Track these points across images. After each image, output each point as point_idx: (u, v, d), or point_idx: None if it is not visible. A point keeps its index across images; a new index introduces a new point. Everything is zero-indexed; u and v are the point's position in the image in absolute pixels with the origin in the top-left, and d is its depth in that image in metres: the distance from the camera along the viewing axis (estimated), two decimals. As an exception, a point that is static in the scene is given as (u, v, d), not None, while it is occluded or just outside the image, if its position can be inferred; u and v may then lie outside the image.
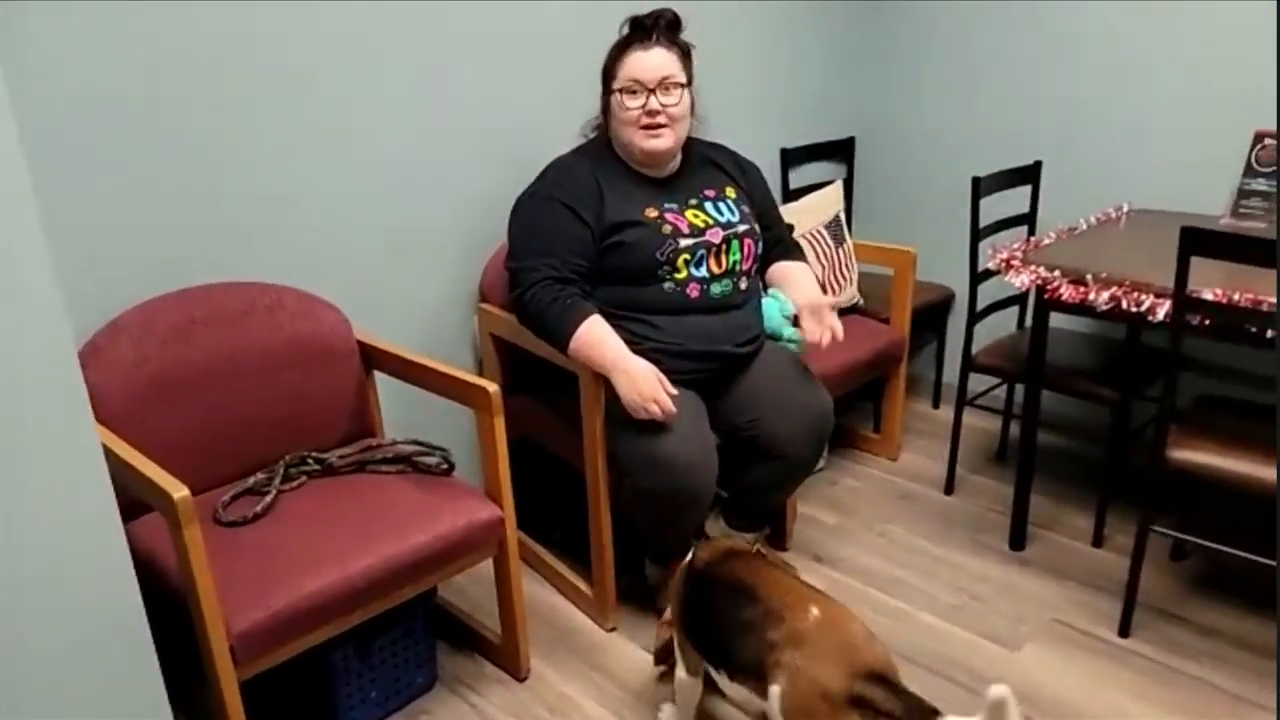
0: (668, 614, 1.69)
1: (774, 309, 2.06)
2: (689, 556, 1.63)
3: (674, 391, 1.79)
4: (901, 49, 3.09)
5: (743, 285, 1.98)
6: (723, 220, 1.96)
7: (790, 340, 2.06)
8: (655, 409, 1.75)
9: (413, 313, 2.18)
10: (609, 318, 1.86)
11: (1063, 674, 1.91)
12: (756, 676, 1.38)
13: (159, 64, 1.68)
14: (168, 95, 1.70)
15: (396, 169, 2.07)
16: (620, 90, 1.88)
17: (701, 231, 1.92)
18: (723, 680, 1.49)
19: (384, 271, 2.10)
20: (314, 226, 1.97)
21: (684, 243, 1.90)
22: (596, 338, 1.81)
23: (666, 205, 1.93)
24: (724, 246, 1.94)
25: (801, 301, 2.00)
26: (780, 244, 2.15)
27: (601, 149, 2.00)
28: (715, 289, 1.93)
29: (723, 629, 1.46)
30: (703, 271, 1.92)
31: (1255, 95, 2.38)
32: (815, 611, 1.37)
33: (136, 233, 1.72)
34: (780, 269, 2.11)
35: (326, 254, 1.99)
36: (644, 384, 1.76)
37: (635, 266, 1.88)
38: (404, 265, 2.14)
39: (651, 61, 1.87)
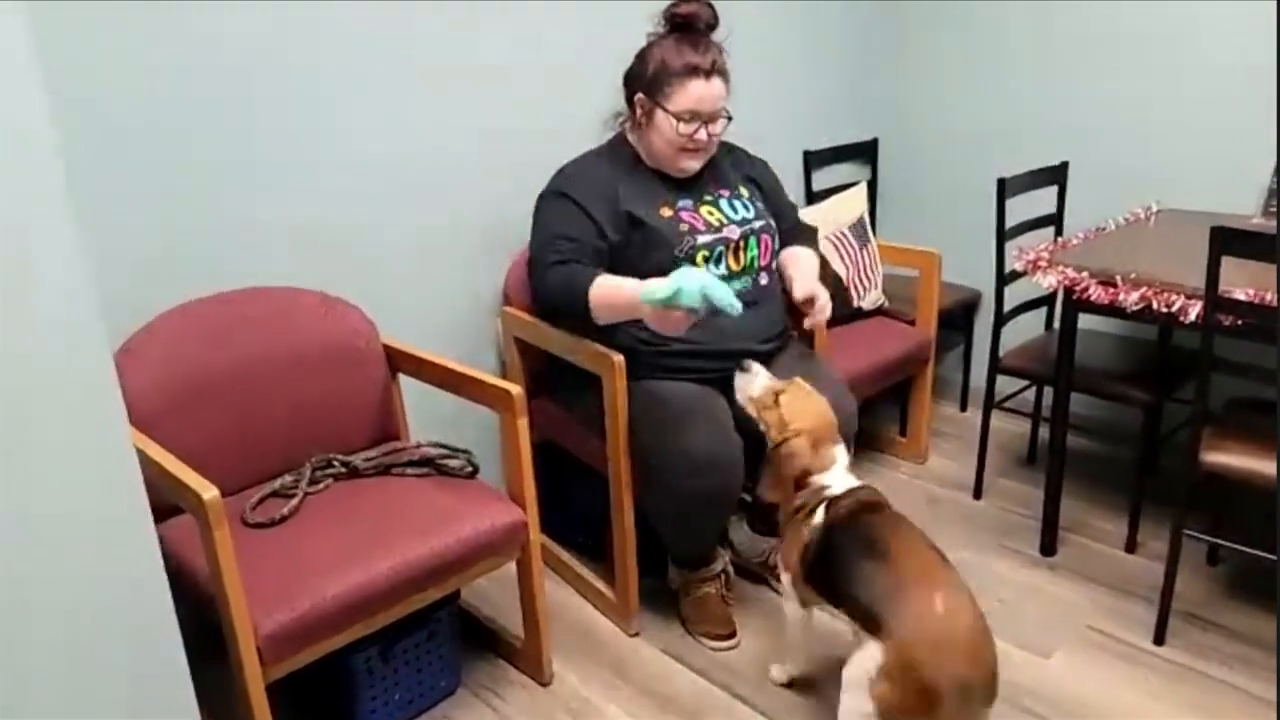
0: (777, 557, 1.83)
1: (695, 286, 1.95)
2: (824, 511, 1.67)
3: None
4: (924, 49, 3.07)
5: (763, 281, 1.98)
6: (738, 218, 1.97)
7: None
8: (686, 319, 1.67)
9: (437, 316, 2.19)
10: (633, 324, 1.85)
11: (1095, 682, 1.88)
12: (865, 622, 1.50)
13: (193, 67, 1.71)
14: (200, 98, 1.73)
15: (420, 173, 2.09)
16: (674, 115, 1.88)
17: (718, 228, 1.93)
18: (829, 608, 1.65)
19: (409, 275, 2.12)
20: (340, 231, 1.99)
21: (701, 239, 1.90)
22: (612, 285, 1.80)
23: (681, 203, 1.95)
24: (742, 243, 1.95)
25: (797, 295, 1.94)
26: (791, 231, 2.15)
27: (618, 148, 2.01)
28: (734, 286, 1.91)
29: (848, 574, 1.56)
30: (721, 269, 1.92)
31: (1289, 92, 2.34)
32: (939, 603, 1.45)
33: (168, 237, 1.75)
34: (787, 254, 2.10)
35: (352, 259, 2.01)
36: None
37: (654, 263, 1.86)
38: (428, 269, 2.15)
39: (712, 94, 1.87)
